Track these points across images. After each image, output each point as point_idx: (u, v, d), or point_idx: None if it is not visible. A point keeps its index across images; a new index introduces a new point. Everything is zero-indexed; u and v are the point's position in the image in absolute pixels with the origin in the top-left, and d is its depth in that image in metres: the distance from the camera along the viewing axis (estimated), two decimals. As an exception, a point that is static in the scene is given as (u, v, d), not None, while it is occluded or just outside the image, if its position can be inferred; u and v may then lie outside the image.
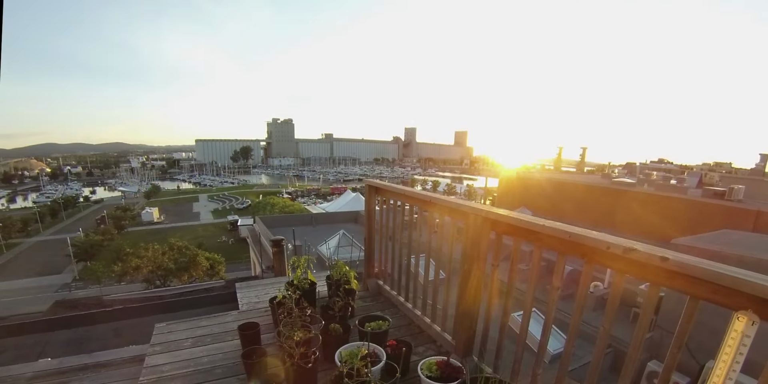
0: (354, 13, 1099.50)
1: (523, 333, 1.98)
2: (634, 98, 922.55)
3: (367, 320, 2.58)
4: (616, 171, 23.10)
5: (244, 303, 3.63)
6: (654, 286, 1.38)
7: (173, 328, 2.92)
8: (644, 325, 1.40)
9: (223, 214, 52.92)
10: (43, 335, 4.41)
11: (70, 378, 2.72)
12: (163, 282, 23.37)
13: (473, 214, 2.18)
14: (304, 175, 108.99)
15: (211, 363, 2.46)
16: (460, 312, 2.35)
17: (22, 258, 36.97)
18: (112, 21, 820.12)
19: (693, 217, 13.85)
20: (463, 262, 2.29)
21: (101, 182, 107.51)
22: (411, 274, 3.08)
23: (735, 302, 1.13)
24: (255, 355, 2.30)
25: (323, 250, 14.15)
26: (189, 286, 7.23)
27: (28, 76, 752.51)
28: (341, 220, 21.78)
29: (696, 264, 1.18)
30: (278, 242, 5.21)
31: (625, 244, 1.39)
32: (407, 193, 2.91)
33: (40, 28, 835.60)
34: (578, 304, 1.64)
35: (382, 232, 3.38)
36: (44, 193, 75.24)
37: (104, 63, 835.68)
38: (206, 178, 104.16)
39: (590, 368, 1.63)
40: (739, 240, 7.31)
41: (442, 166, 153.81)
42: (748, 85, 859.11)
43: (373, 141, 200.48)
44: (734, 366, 1.13)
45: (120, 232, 43.12)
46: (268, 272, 9.50)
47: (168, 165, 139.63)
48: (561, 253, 1.71)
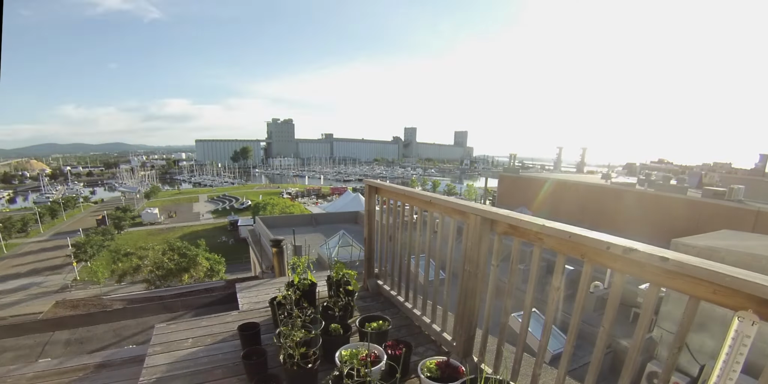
0: (355, 13, 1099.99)
1: (523, 333, 1.98)
2: (635, 99, 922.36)
3: (367, 320, 2.58)
4: (614, 173, 23.09)
5: (244, 303, 3.63)
6: (654, 286, 1.38)
7: (173, 328, 2.92)
8: (644, 325, 1.40)
9: (223, 214, 52.91)
10: (43, 335, 4.41)
11: (70, 378, 2.72)
12: (163, 282, 23.37)
13: (473, 214, 2.18)
14: (304, 175, 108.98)
15: (211, 363, 2.46)
16: (460, 312, 2.35)
17: (22, 258, 36.96)
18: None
19: (693, 217, 13.85)
20: (463, 262, 2.29)
21: (101, 182, 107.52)
22: (411, 274, 3.08)
23: (735, 302, 1.13)
24: (255, 355, 2.30)
25: (323, 251, 14.15)
26: (189, 287, 7.23)
27: (29, 76, 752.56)
28: (341, 220, 21.79)
29: (696, 264, 1.18)
30: (278, 242, 5.21)
31: (625, 244, 1.39)
32: (407, 193, 2.91)
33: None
34: (578, 304, 1.64)
35: (382, 232, 3.38)
36: (44, 194, 75.20)
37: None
38: (206, 179, 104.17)
39: (590, 368, 1.63)
40: (739, 240, 7.30)
41: (442, 166, 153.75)
42: (748, 86, 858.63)
43: (373, 141, 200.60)
44: (734, 366, 1.13)
45: (120, 232, 43.15)
46: (268, 272, 9.50)
47: (168, 165, 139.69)
48: (561, 253, 1.71)
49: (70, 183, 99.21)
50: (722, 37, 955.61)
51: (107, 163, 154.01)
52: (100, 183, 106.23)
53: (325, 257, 13.38)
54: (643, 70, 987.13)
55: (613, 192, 17.14)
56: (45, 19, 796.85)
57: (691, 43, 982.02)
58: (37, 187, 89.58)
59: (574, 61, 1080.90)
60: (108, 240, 36.74)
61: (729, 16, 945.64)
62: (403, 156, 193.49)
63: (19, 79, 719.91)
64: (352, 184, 76.69)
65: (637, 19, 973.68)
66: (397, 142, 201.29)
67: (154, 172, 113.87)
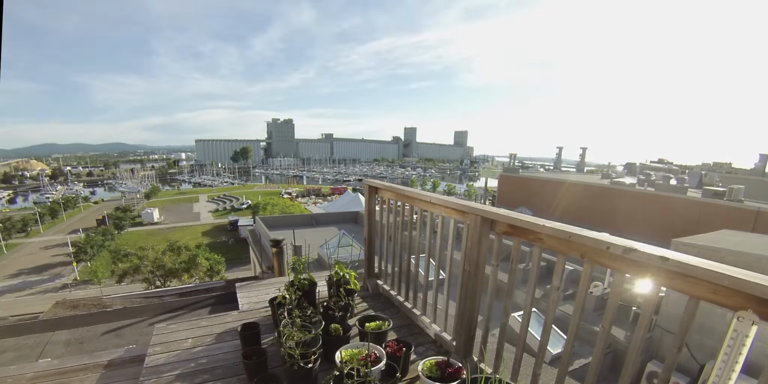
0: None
1: (523, 333, 1.98)
2: (635, 98, 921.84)
3: (367, 320, 2.58)
4: (613, 174, 23.08)
5: (244, 303, 3.63)
6: (654, 286, 1.38)
7: (173, 328, 2.92)
8: (644, 325, 1.40)
9: (223, 214, 52.92)
10: (43, 335, 4.41)
11: (70, 378, 2.72)
12: (163, 282, 23.38)
13: (473, 213, 2.18)
14: (304, 175, 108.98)
15: (211, 363, 2.46)
16: (460, 312, 2.35)
17: (21, 258, 36.97)
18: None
19: (693, 217, 13.85)
20: (462, 262, 2.29)
21: (101, 182, 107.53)
22: (411, 274, 3.08)
23: (735, 302, 1.13)
24: (255, 355, 2.30)
25: (323, 251, 14.14)
26: (189, 286, 7.22)
27: (27, 76, 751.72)
28: (341, 220, 21.77)
29: (696, 264, 1.18)
30: (278, 242, 5.21)
31: (625, 244, 1.39)
32: (407, 193, 2.91)
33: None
34: (578, 304, 1.64)
35: (382, 232, 3.38)
36: (44, 194, 75.20)
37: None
38: (206, 179, 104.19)
39: (590, 368, 1.63)
40: (739, 240, 7.30)
41: (442, 166, 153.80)
42: (748, 86, 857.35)
43: (372, 141, 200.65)
44: (734, 366, 1.13)
45: (120, 232, 43.15)
46: (268, 272, 9.49)
47: (168, 165, 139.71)
48: (561, 253, 1.71)
49: (70, 183, 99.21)
50: (723, 38, 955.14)
51: (107, 163, 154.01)
52: (100, 183, 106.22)
53: (325, 257, 13.37)
54: (644, 70, 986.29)
55: (613, 192, 17.14)
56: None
57: (692, 44, 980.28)
58: (37, 188, 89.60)
59: (575, 60, 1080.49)
60: (108, 240, 36.74)
61: (729, 16, 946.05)
62: (403, 156, 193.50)
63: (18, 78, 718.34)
64: (352, 184, 76.67)
65: (639, 19, 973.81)
66: (397, 142, 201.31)
67: (154, 172, 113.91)
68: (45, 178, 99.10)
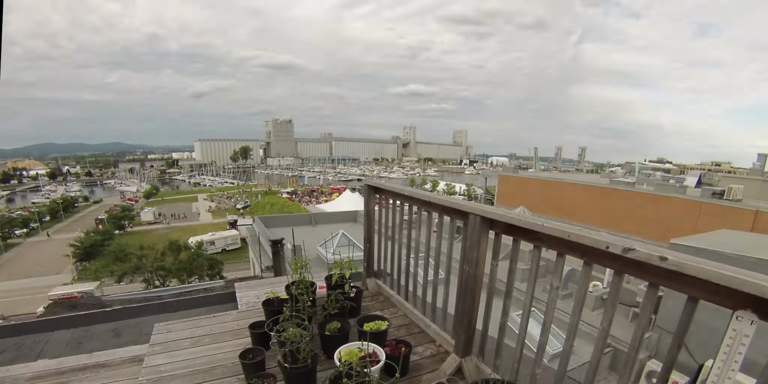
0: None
1: (522, 333, 1.98)
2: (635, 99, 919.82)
3: (367, 320, 2.58)
4: (614, 173, 23.11)
5: (243, 303, 3.63)
6: (653, 286, 1.38)
7: (173, 328, 2.92)
8: (644, 324, 1.40)
9: (223, 214, 52.90)
10: (42, 335, 4.40)
11: (69, 378, 2.71)
12: (162, 282, 23.37)
13: (473, 213, 2.18)
14: (304, 175, 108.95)
15: (210, 363, 2.46)
16: (460, 312, 2.35)
17: (21, 258, 36.93)
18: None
19: (692, 217, 13.87)
20: (462, 262, 2.29)
21: (100, 183, 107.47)
22: (411, 273, 3.08)
23: (735, 302, 1.13)
24: (254, 354, 2.30)
25: (322, 250, 14.15)
26: (188, 286, 7.22)
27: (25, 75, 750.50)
28: (341, 220, 21.74)
29: (696, 264, 1.18)
30: (277, 242, 5.22)
31: (624, 243, 1.39)
32: (406, 193, 2.90)
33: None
34: (577, 303, 1.64)
35: (381, 232, 3.38)
36: (43, 194, 75.11)
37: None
38: (205, 178, 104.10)
39: (590, 368, 1.63)
40: (739, 240, 7.32)
41: (442, 166, 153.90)
42: (748, 85, 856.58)
43: (372, 141, 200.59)
44: (733, 365, 1.14)
45: (119, 232, 43.10)
46: (267, 272, 9.50)
47: (167, 165, 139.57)
48: (560, 253, 1.71)
49: (68, 183, 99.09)
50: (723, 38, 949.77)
51: (106, 162, 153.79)
52: (99, 183, 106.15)
53: (324, 257, 13.38)
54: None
55: (612, 192, 17.16)
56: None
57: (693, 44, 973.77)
58: (36, 188, 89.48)
59: (574, 60, 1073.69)
60: (107, 240, 36.70)
61: (730, 16, 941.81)
62: (402, 155, 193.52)
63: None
64: (351, 184, 76.67)
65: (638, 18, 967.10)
66: (396, 142, 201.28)
67: (153, 172, 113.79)
68: (44, 178, 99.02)
